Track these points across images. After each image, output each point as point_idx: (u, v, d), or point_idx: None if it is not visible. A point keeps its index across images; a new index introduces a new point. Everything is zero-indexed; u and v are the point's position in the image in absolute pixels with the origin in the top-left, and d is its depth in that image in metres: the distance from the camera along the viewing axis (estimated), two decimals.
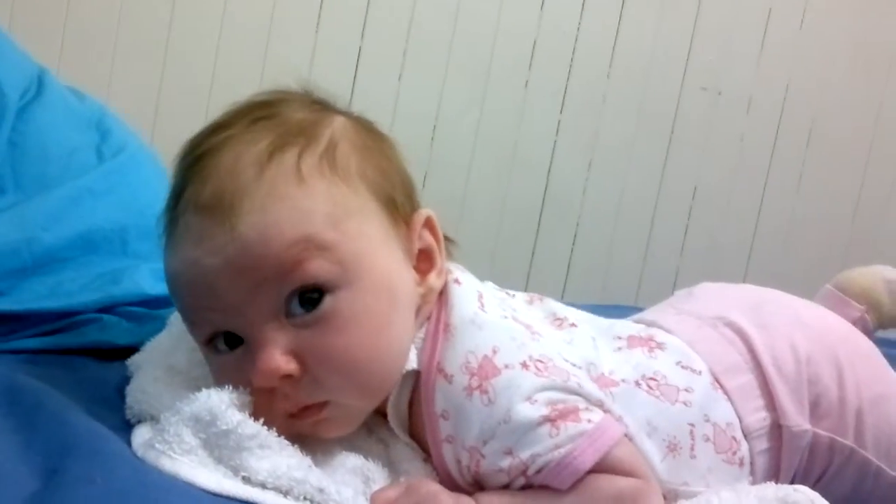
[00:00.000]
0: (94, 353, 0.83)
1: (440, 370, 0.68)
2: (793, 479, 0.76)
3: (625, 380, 0.73)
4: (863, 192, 2.13)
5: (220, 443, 0.61)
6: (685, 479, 0.71)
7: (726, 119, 2.09)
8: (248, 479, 0.60)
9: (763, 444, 0.75)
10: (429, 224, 0.73)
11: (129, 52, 1.87)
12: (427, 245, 0.73)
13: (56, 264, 0.89)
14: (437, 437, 0.68)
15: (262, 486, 0.60)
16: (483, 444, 0.66)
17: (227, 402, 0.63)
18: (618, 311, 0.91)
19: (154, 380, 0.71)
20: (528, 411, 0.65)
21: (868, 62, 2.10)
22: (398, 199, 0.71)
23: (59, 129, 1.03)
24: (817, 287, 0.99)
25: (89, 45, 1.85)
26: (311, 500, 0.60)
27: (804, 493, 0.69)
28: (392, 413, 0.71)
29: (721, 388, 0.75)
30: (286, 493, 0.60)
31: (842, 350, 0.79)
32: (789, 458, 0.75)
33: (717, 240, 2.11)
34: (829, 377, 0.77)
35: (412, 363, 0.69)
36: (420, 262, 0.73)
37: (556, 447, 0.64)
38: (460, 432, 0.67)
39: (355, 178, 0.69)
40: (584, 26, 2.02)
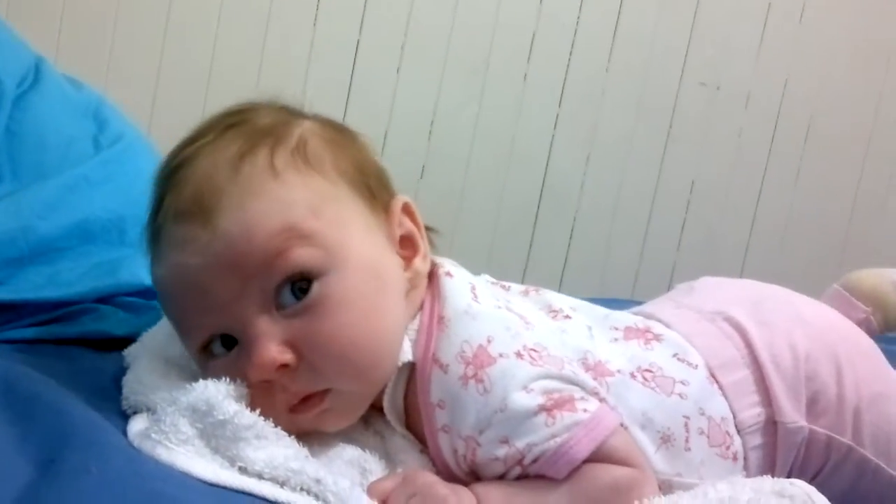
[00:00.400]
0: (91, 344, 0.83)
1: (435, 360, 0.68)
2: (789, 476, 0.75)
3: (620, 370, 0.73)
4: (860, 188, 2.14)
5: (216, 433, 0.61)
6: (679, 469, 0.71)
7: (725, 114, 2.09)
8: (244, 470, 0.60)
9: (756, 440, 0.75)
10: (407, 210, 0.75)
11: (126, 41, 1.86)
12: (408, 231, 0.74)
13: (53, 254, 0.89)
14: (433, 427, 0.68)
15: (259, 476, 0.60)
16: (479, 433, 0.66)
17: (224, 393, 0.63)
18: (615, 305, 0.91)
19: (151, 370, 0.71)
20: (523, 400, 0.65)
21: (867, 58, 2.10)
22: (374, 188, 0.72)
23: (56, 118, 1.02)
24: (815, 282, 0.99)
25: (87, 34, 1.84)
26: (308, 491, 0.60)
27: (800, 486, 0.69)
28: (388, 406, 0.71)
29: (716, 382, 0.75)
30: (283, 483, 0.60)
31: (841, 348, 0.79)
32: (784, 454, 0.75)
33: (715, 235, 2.11)
34: (827, 374, 0.77)
35: (407, 355, 0.70)
36: (403, 248, 0.74)
37: (553, 436, 0.65)
38: (456, 421, 0.67)
39: (329, 170, 0.70)
40: (582, 20, 2.02)
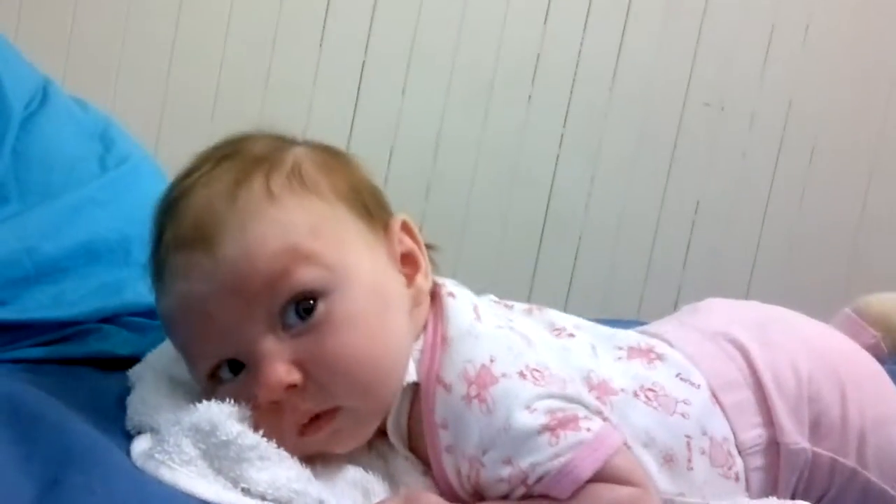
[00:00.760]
0: (96, 364, 0.83)
1: (439, 380, 0.68)
2: (792, 495, 0.76)
3: (623, 389, 0.73)
4: (865, 208, 2.13)
5: (219, 453, 0.61)
6: (682, 489, 0.71)
7: (729, 135, 2.09)
8: (247, 491, 0.60)
9: (758, 462, 0.75)
10: (406, 228, 0.75)
11: (133, 63, 1.87)
12: (408, 248, 0.75)
13: (58, 274, 0.89)
14: (437, 447, 0.68)
15: (262, 497, 0.60)
16: (483, 452, 0.66)
17: (227, 413, 0.63)
18: (619, 326, 0.91)
19: (155, 390, 0.71)
20: (527, 420, 0.65)
21: (871, 78, 2.11)
22: (371, 207, 0.73)
23: (63, 139, 1.03)
24: (821, 302, 0.99)
25: (94, 56, 1.86)
26: None
27: None
28: (392, 427, 0.71)
29: (718, 403, 0.75)
30: None
31: (845, 369, 0.79)
32: (786, 476, 0.75)
33: (720, 255, 2.11)
34: (830, 396, 0.77)
35: (412, 376, 0.70)
36: (404, 265, 0.74)
37: (556, 456, 0.64)
38: (460, 441, 0.67)
39: (326, 191, 0.70)
40: (587, 41, 2.03)
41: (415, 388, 0.70)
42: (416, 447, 0.71)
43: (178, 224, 0.68)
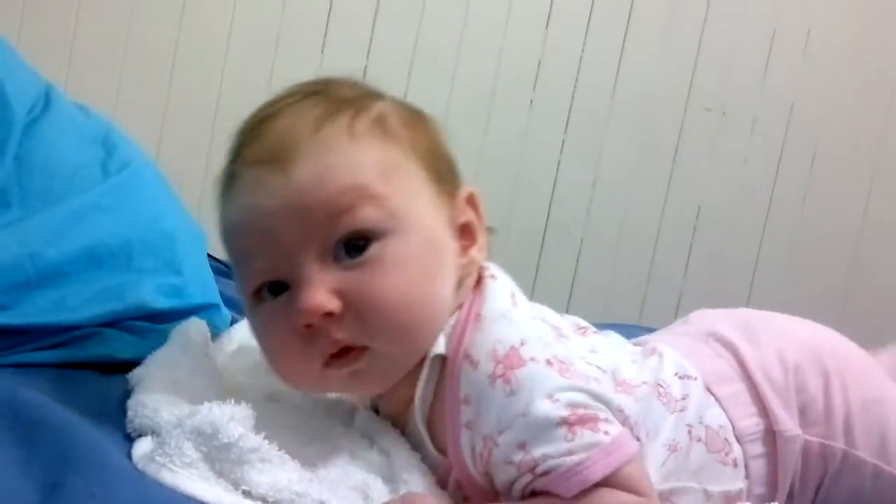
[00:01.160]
0: (97, 367, 0.83)
1: (467, 356, 0.69)
2: (791, 488, 0.78)
3: (646, 382, 0.75)
4: (867, 213, 2.13)
5: (220, 456, 0.61)
6: (678, 475, 0.73)
7: (730, 140, 2.09)
8: (248, 493, 0.60)
9: (758, 449, 0.77)
10: (471, 200, 0.77)
11: (135, 68, 1.88)
12: (469, 220, 0.76)
13: (60, 279, 0.89)
14: (456, 422, 0.69)
15: (263, 499, 0.60)
16: (499, 433, 0.66)
17: (229, 416, 0.63)
18: (621, 329, 0.92)
19: (155, 393, 0.71)
20: (547, 409, 0.66)
21: (872, 84, 2.11)
22: (443, 172, 0.74)
23: (65, 144, 1.03)
24: (822, 307, 1.00)
25: (96, 62, 1.86)
26: None
27: None
28: (419, 399, 0.71)
29: (713, 395, 0.78)
30: None
31: (829, 358, 0.81)
32: (785, 463, 0.77)
33: (721, 260, 2.11)
34: (815, 386, 0.80)
35: (440, 348, 0.70)
36: (462, 237, 0.75)
37: (570, 453, 0.65)
38: (479, 419, 0.67)
39: (405, 144, 0.72)
40: (588, 46, 2.03)
41: (442, 362, 0.71)
42: (433, 423, 0.72)
43: (260, 142, 0.70)
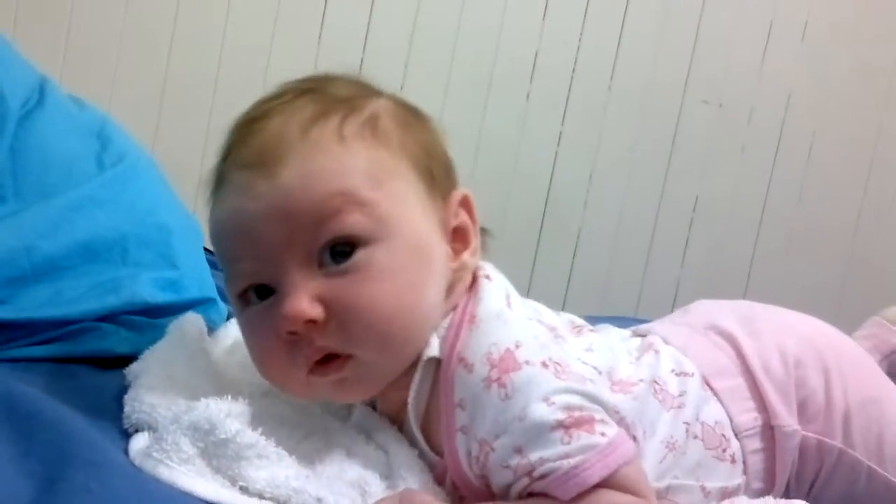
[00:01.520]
0: (93, 362, 0.83)
1: (461, 359, 0.68)
2: (787, 484, 0.78)
3: (643, 380, 0.75)
4: (864, 204, 2.13)
5: (218, 452, 0.61)
6: (675, 473, 0.73)
7: (727, 131, 2.09)
8: (245, 489, 0.60)
9: (756, 444, 0.77)
10: (465, 203, 0.75)
11: (131, 61, 1.87)
12: (463, 223, 0.75)
13: (55, 273, 0.89)
14: (451, 426, 0.68)
15: (260, 495, 0.60)
16: (495, 437, 0.66)
17: (226, 412, 0.63)
18: (618, 322, 0.92)
19: (152, 388, 0.71)
20: (543, 412, 0.65)
21: (869, 73, 2.11)
22: (436, 174, 0.73)
23: (59, 137, 1.02)
24: (819, 298, 1.00)
25: (91, 55, 1.85)
26: None
27: None
28: (413, 402, 0.71)
29: (711, 389, 0.77)
30: (284, 503, 0.60)
31: (830, 355, 0.81)
32: (783, 458, 0.77)
33: (718, 252, 2.11)
34: (815, 381, 0.79)
35: (434, 350, 0.70)
36: (455, 240, 0.74)
37: (567, 456, 0.65)
38: (475, 423, 0.67)
39: (396, 147, 0.71)
40: (585, 38, 2.03)
41: (437, 365, 0.70)
42: (428, 426, 0.71)
43: (249, 143, 0.70)
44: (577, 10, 2.02)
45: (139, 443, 0.65)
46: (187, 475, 0.60)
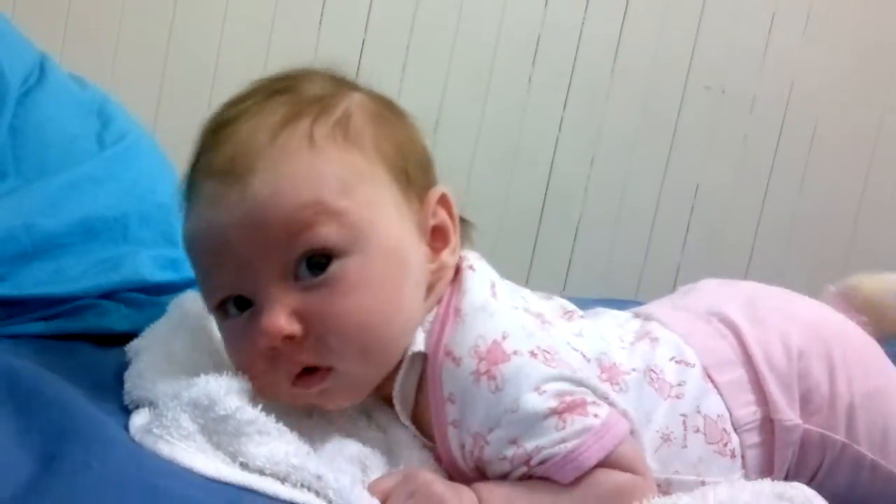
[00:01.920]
0: (93, 339, 0.83)
1: (448, 353, 0.68)
2: (786, 476, 0.76)
3: (635, 369, 0.73)
4: (866, 192, 2.13)
5: (218, 428, 0.61)
6: (676, 468, 0.72)
7: (729, 118, 2.09)
8: (245, 465, 0.60)
9: (754, 438, 0.75)
10: (444, 201, 0.74)
11: (131, 39, 1.86)
12: (441, 222, 0.73)
13: (56, 250, 0.89)
14: (442, 420, 0.68)
15: (260, 472, 0.60)
16: (488, 431, 0.66)
17: (226, 388, 0.63)
18: (617, 306, 0.92)
19: (153, 365, 0.71)
20: (535, 402, 0.65)
21: (872, 62, 2.10)
22: (412, 174, 0.71)
23: (60, 115, 1.02)
24: (819, 286, 0.98)
25: (92, 33, 1.84)
26: (309, 487, 0.59)
27: (800, 489, 0.70)
28: (398, 395, 0.71)
29: (711, 381, 0.76)
30: (284, 479, 0.60)
31: (835, 344, 0.79)
32: (782, 452, 0.75)
33: (719, 238, 2.11)
34: (819, 372, 0.77)
35: (420, 345, 0.69)
36: (434, 239, 0.73)
37: (562, 441, 0.65)
38: (466, 417, 0.67)
39: (369, 148, 0.69)
40: (587, 23, 2.02)
41: (424, 359, 0.70)
42: (420, 418, 0.71)
43: (217, 152, 0.68)
44: None
45: (139, 419, 0.65)
46: (187, 451, 0.60)
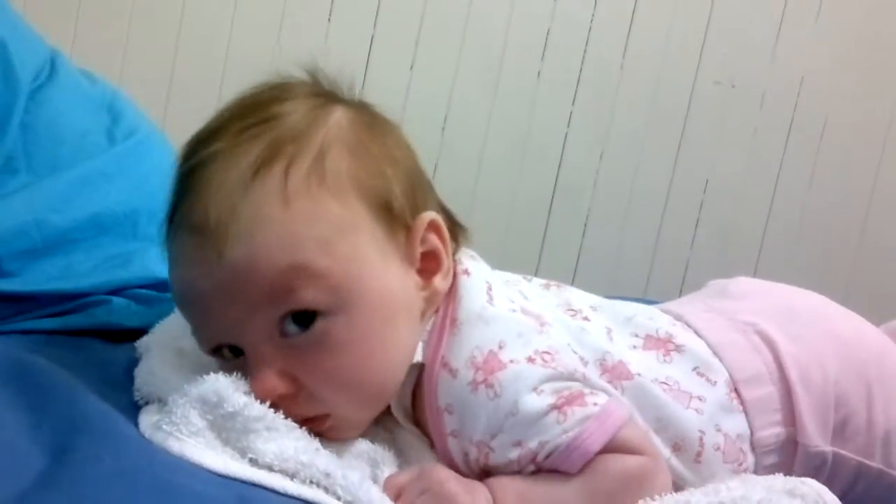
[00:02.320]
0: (103, 335, 0.84)
1: (444, 364, 0.68)
2: None
3: (640, 374, 0.72)
4: (876, 187, 2.12)
5: (227, 425, 0.61)
6: (686, 477, 0.71)
7: (739, 112, 2.08)
8: (254, 461, 0.60)
9: (772, 459, 0.74)
10: (434, 227, 0.71)
11: (141, 35, 1.87)
12: (432, 248, 0.71)
13: (66, 246, 0.89)
14: (441, 431, 0.68)
15: (269, 468, 0.60)
16: (491, 437, 0.66)
17: (234, 385, 0.63)
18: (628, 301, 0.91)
19: (162, 362, 0.71)
20: (534, 402, 0.65)
21: (883, 56, 2.08)
22: (395, 203, 0.69)
23: (70, 111, 1.03)
24: (829, 281, 0.98)
25: (102, 29, 1.85)
26: (318, 484, 0.60)
27: (811, 485, 0.68)
28: (395, 405, 0.71)
29: (738, 397, 0.74)
30: (292, 475, 0.60)
31: (874, 369, 0.77)
32: (798, 474, 0.72)
33: (729, 233, 2.10)
34: (857, 398, 0.75)
35: (417, 356, 0.69)
36: (425, 262, 0.71)
37: (565, 432, 0.65)
38: (466, 427, 0.67)
39: (347, 188, 0.66)
40: (597, 17, 2.01)
41: (420, 368, 0.70)
42: (420, 422, 0.71)
43: (191, 202, 0.66)
44: None
45: (149, 415, 0.65)
46: (197, 447, 0.60)
